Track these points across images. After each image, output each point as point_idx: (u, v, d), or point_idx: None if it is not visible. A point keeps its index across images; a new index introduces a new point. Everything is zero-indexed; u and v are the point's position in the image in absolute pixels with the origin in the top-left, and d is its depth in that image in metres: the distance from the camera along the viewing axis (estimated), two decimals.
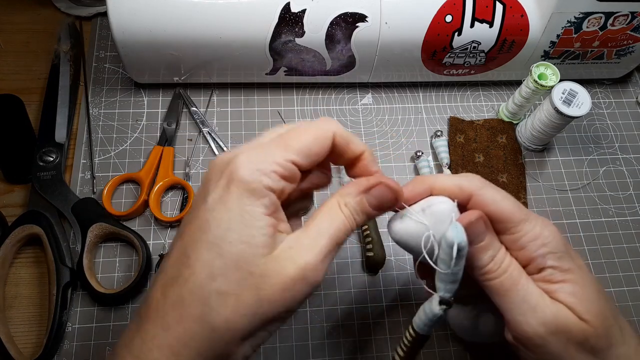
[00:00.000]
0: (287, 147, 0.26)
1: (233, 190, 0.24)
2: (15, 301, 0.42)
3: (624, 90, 0.59)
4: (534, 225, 0.29)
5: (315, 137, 0.26)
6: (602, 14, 0.48)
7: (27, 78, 0.53)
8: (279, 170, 0.25)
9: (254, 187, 0.24)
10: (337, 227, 0.26)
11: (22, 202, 0.46)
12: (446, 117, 0.55)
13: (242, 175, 0.24)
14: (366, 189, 0.28)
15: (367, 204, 0.28)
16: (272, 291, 0.24)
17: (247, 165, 0.24)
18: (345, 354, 0.43)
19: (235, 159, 0.25)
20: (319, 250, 0.25)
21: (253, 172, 0.24)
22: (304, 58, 0.49)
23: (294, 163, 0.26)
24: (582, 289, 0.29)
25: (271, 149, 0.26)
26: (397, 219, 0.31)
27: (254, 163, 0.25)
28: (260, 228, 0.24)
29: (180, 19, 0.45)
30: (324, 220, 0.27)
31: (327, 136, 0.27)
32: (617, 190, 0.53)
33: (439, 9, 0.47)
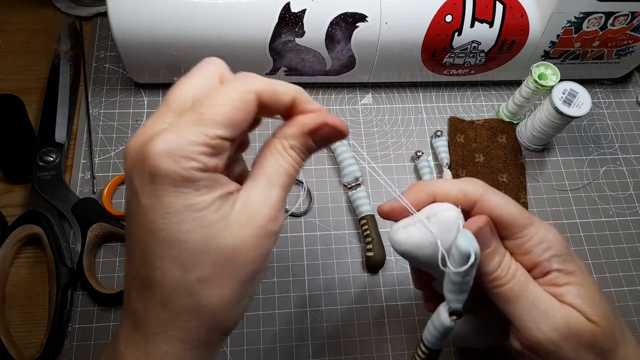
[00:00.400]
0: (207, 123, 0.23)
1: (165, 186, 0.22)
2: (15, 301, 0.42)
3: (624, 90, 0.59)
4: (537, 229, 0.29)
5: (237, 104, 0.24)
6: (602, 14, 0.48)
7: (27, 78, 0.53)
8: (205, 150, 0.23)
9: (186, 176, 0.22)
10: (287, 173, 0.26)
11: (22, 202, 0.46)
12: (446, 117, 0.55)
13: (166, 168, 0.22)
14: (311, 131, 0.26)
15: (313, 144, 0.26)
16: (246, 255, 0.24)
17: (169, 155, 0.22)
18: (345, 354, 0.43)
19: (151, 150, 0.22)
20: (273, 202, 0.25)
21: (178, 162, 0.22)
22: (304, 58, 0.49)
23: (221, 138, 0.23)
24: (586, 290, 0.29)
25: (189, 128, 0.23)
26: (400, 228, 0.29)
27: (175, 151, 0.22)
28: (208, 207, 0.23)
29: (180, 19, 0.45)
30: (272, 167, 0.26)
31: (250, 98, 0.24)
32: (617, 190, 0.53)
33: (439, 9, 0.47)
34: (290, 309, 0.44)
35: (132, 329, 0.25)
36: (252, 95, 0.24)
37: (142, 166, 0.23)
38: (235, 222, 0.24)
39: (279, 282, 0.45)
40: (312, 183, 0.50)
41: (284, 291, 0.45)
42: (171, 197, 0.23)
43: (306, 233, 0.47)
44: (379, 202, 0.49)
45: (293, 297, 0.45)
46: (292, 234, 0.47)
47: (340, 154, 0.49)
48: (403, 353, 0.43)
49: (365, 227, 0.47)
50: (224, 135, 0.23)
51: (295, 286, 0.45)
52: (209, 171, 0.23)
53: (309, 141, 0.26)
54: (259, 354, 0.42)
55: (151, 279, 0.24)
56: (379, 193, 0.50)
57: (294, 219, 0.48)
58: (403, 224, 0.29)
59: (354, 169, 0.48)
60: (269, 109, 0.25)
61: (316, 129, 0.26)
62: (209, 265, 0.24)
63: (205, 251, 0.23)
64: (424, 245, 0.28)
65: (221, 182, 0.24)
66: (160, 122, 0.24)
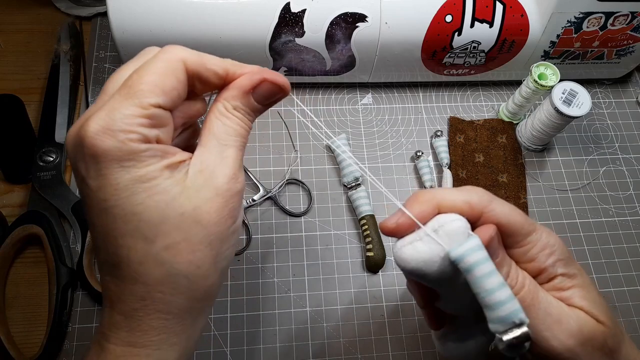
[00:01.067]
0: (138, 94, 0.23)
1: (107, 163, 0.22)
2: (15, 301, 0.42)
3: (624, 90, 0.59)
4: (540, 235, 0.29)
5: (164, 71, 0.24)
6: (602, 14, 0.48)
7: (27, 78, 0.53)
8: (142, 122, 0.23)
9: (127, 150, 0.22)
10: (236, 132, 0.26)
11: (22, 202, 0.46)
12: (446, 117, 0.55)
13: (104, 146, 0.22)
14: (251, 89, 0.26)
15: (257, 104, 0.27)
16: (210, 216, 0.24)
17: (105, 132, 0.22)
18: (345, 354, 0.43)
19: (85, 132, 0.22)
20: (230, 161, 0.25)
21: (116, 136, 0.22)
22: (304, 58, 0.49)
23: (155, 106, 0.23)
24: (589, 292, 0.29)
25: (121, 102, 0.23)
26: (406, 245, 0.27)
27: (111, 127, 0.22)
28: (158, 176, 0.23)
29: (180, 19, 0.45)
30: (220, 130, 0.25)
31: (177, 66, 0.24)
32: (617, 190, 0.53)
33: (439, 9, 0.47)
34: (290, 309, 0.44)
35: (112, 312, 0.25)
36: (179, 63, 0.24)
37: (81, 150, 0.23)
38: (191, 186, 0.24)
39: (279, 282, 0.45)
40: (312, 183, 0.50)
41: (284, 291, 0.45)
42: (116, 173, 0.23)
43: (306, 233, 0.47)
44: (379, 202, 0.49)
45: (293, 297, 0.45)
46: (292, 234, 0.47)
47: (341, 154, 0.49)
48: (403, 353, 0.43)
49: (365, 227, 0.47)
50: (157, 103, 0.23)
51: (295, 286, 0.45)
52: (151, 142, 0.23)
53: (251, 100, 0.26)
54: (259, 354, 0.42)
55: (119, 258, 0.24)
56: (379, 193, 0.50)
57: (294, 218, 0.48)
58: (409, 240, 0.27)
59: (354, 169, 0.48)
60: (202, 79, 0.25)
61: (255, 86, 0.26)
62: (172, 232, 0.23)
63: (164, 219, 0.23)
64: (434, 260, 0.26)
65: (170, 152, 0.24)
66: (95, 108, 0.24)
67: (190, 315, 0.25)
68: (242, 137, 0.26)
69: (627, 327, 0.46)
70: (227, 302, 0.44)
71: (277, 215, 0.48)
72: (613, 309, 0.47)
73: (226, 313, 0.43)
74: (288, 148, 0.51)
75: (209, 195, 0.24)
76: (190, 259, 0.24)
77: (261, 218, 0.48)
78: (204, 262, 0.24)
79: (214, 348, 0.42)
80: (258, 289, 0.45)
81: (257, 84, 0.26)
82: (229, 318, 0.43)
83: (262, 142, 0.51)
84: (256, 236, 0.47)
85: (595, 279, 0.48)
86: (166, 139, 0.24)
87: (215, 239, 0.25)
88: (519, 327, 0.23)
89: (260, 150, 0.51)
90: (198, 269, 0.24)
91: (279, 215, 0.48)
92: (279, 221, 0.48)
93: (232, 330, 0.43)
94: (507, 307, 0.23)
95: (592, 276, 0.48)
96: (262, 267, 0.46)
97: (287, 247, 0.47)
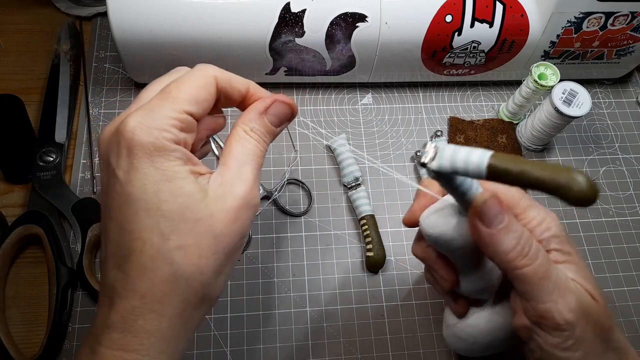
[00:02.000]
0: (175, 100, 0.26)
1: (140, 156, 0.24)
2: (15, 301, 0.42)
3: (624, 90, 0.59)
4: (538, 212, 0.31)
5: (199, 84, 0.27)
6: (602, 14, 0.48)
7: (27, 78, 0.53)
8: (175, 123, 0.25)
9: (159, 146, 0.24)
10: (253, 153, 0.28)
11: (22, 202, 0.46)
12: (446, 117, 0.55)
13: (140, 139, 0.24)
14: (264, 110, 0.29)
15: (270, 124, 0.29)
16: (223, 226, 0.26)
17: (142, 128, 0.24)
18: (345, 354, 0.43)
19: (124, 126, 0.24)
20: (247, 177, 0.27)
21: (151, 132, 0.24)
22: (304, 58, 0.49)
23: (187, 113, 0.26)
24: (582, 269, 0.30)
25: (159, 105, 0.25)
26: (432, 214, 0.30)
27: (148, 124, 0.25)
28: (184, 178, 0.25)
29: (181, 19, 0.45)
30: (239, 151, 0.28)
31: (210, 81, 0.27)
32: (617, 190, 0.53)
33: (439, 9, 0.47)
34: (290, 309, 0.44)
35: (109, 311, 0.25)
36: (212, 79, 0.28)
37: (117, 143, 0.25)
38: (212, 195, 0.26)
39: (279, 282, 0.45)
40: (312, 183, 0.50)
41: (284, 291, 0.45)
42: (147, 168, 0.24)
43: (306, 233, 0.47)
44: (379, 202, 0.49)
45: (293, 297, 0.45)
46: (292, 234, 0.47)
47: (341, 154, 0.49)
48: (403, 353, 0.43)
49: (365, 227, 0.47)
50: (191, 111, 0.26)
51: (295, 286, 0.45)
52: (179, 144, 0.25)
53: (265, 121, 0.29)
54: (259, 354, 0.42)
55: (131, 251, 0.25)
56: (379, 193, 0.50)
57: (294, 218, 0.48)
58: (433, 209, 0.30)
59: (354, 169, 0.48)
60: (227, 95, 0.29)
61: (268, 107, 0.29)
62: (187, 234, 0.25)
63: (183, 220, 0.25)
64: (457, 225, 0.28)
65: (194, 161, 0.26)
66: (130, 110, 0.26)
67: (181, 321, 0.26)
68: (258, 157, 0.28)
69: (627, 327, 0.46)
70: (227, 302, 0.44)
71: (277, 215, 0.48)
72: (613, 309, 0.47)
73: (226, 313, 0.43)
74: (288, 148, 0.51)
75: (226, 206, 0.26)
76: (197, 262, 0.25)
77: (261, 218, 0.48)
78: (207, 269, 0.25)
79: (214, 348, 0.42)
80: (258, 289, 0.45)
81: (270, 105, 0.29)
82: (229, 318, 0.43)
83: None
84: (256, 236, 0.47)
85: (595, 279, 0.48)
86: (190, 144, 0.27)
87: (223, 249, 0.26)
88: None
89: None
90: (201, 274, 0.25)
91: (279, 215, 0.48)
92: (279, 221, 0.48)
93: (232, 330, 0.43)
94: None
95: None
96: (262, 267, 0.46)
97: (287, 247, 0.47)
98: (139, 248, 0.24)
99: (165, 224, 0.24)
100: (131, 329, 0.24)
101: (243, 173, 0.27)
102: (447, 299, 0.36)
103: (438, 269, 0.33)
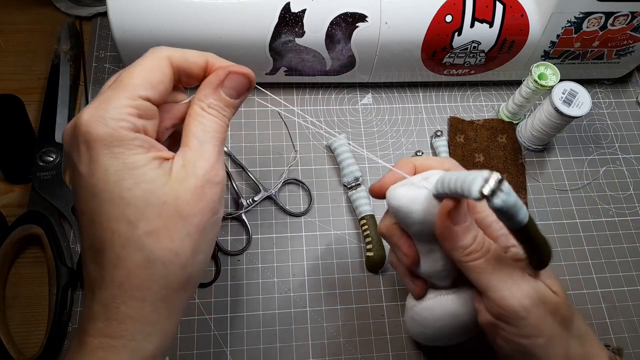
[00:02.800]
0: (128, 87, 0.25)
1: (98, 149, 0.24)
2: (15, 301, 0.42)
3: (624, 90, 0.59)
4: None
5: (151, 67, 0.26)
6: (602, 14, 0.48)
7: (27, 78, 0.53)
8: (131, 111, 0.25)
9: (117, 136, 0.24)
10: (213, 129, 0.27)
11: (22, 202, 0.46)
12: (446, 117, 0.55)
13: (96, 132, 0.24)
14: (220, 83, 0.28)
15: (227, 97, 0.28)
16: (189, 207, 0.25)
17: (97, 120, 0.24)
18: (345, 354, 0.43)
19: (79, 121, 0.24)
20: (209, 155, 0.27)
21: (107, 124, 0.24)
22: (304, 58, 0.49)
23: (143, 98, 0.25)
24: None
25: (113, 95, 0.25)
26: (398, 187, 0.32)
27: (102, 115, 0.24)
28: (146, 165, 0.25)
29: (180, 19, 0.44)
30: (198, 129, 0.27)
31: (163, 62, 0.27)
32: (617, 190, 0.53)
33: (439, 9, 0.47)
34: (290, 309, 0.44)
35: (92, 302, 0.25)
36: (164, 60, 0.27)
37: (76, 139, 0.25)
38: (175, 177, 0.26)
39: (279, 282, 0.45)
40: (312, 183, 0.50)
41: (284, 291, 0.45)
42: (107, 159, 0.24)
43: (306, 233, 0.47)
44: (379, 202, 0.49)
45: (293, 297, 0.45)
46: (292, 234, 0.47)
47: (341, 154, 0.49)
48: (403, 353, 0.43)
49: (365, 227, 0.47)
50: (146, 95, 0.26)
51: (295, 286, 0.45)
52: (139, 132, 0.25)
53: (222, 95, 0.28)
54: (259, 354, 0.42)
55: (103, 242, 0.25)
56: None
57: (294, 218, 0.48)
58: (400, 184, 0.32)
59: (354, 169, 0.48)
60: (186, 72, 0.28)
61: (223, 80, 0.28)
62: (154, 219, 0.25)
63: (148, 205, 0.25)
64: (419, 200, 0.30)
65: (156, 147, 0.26)
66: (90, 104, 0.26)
67: (165, 305, 0.26)
68: (218, 133, 0.28)
69: (627, 327, 0.46)
70: (227, 302, 0.44)
71: (277, 215, 0.48)
72: (613, 309, 0.47)
73: (226, 313, 0.43)
74: (288, 148, 0.51)
75: (190, 186, 0.26)
76: (169, 246, 0.25)
77: (261, 218, 0.48)
78: (182, 251, 0.25)
79: (214, 348, 0.42)
80: (258, 289, 0.45)
81: (225, 78, 0.28)
82: (229, 318, 0.43)
83: (262, 142, 0.51)
84: (256, 236, 0.47)
85: (595, 279, 0.48)
86: (152, 133, 0.26)
87: (194, 229, 0.26)
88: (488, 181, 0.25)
89: (260, 150, 0.51)
90: (176, 256, 0.25)
91: (279, 215, 0.48)
92: (279, 221, 0.48)
93: (232, 330, 0.43)
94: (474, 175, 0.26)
95: (592, 276, 0.48)
96: (262, 267, 0.46)
97: (287, 247, 0.47)
98: (109, 238, 0.25)
99: (131, 211, 0.24)
100: (115, 316, 0.25)
101: (204, 152, 0.27)
102: (406, 281, 0.37)
103: (401, 245, 0.34)
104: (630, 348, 0.45)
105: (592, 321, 0.46)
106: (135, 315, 0.25)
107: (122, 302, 0.25)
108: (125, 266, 0.25)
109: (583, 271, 0.48)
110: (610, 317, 0.46)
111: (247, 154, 0.50)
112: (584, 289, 0.47)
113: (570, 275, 0.48)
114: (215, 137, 0.27)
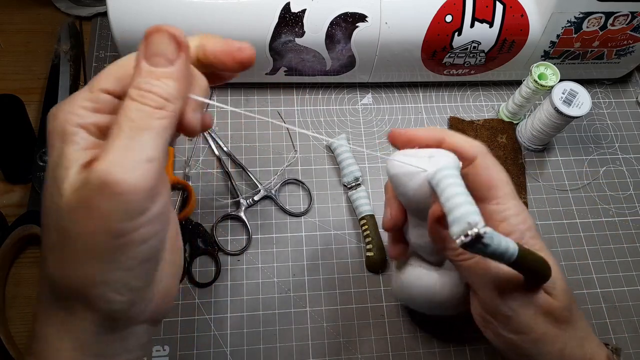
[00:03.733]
0: (94, 81, 0.24)
1: (51, 141, 0.24)
2: (15, 301, 0.42)
3: (624, 90, 0.59)
4: (516, 203, 0.32)
5: (121, 62, 0.25)
6: (602, 14, 0.48)
7: (27, 78, 0.53)
8: (86, 104, 0.23)
9: (63, 131, 0.23)
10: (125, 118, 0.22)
11: (22, 202, 0.46)
12: (446, 117, 0.55)
13: (54, 125, 0.24)
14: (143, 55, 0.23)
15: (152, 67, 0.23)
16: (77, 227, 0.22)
17: (56, 114, 0.24)
18: (345, 354, 0.43)
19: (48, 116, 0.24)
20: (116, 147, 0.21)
21: (63, 117, 0.23)
22: (304, 58, 0.49)
23: (104, 91, 0.24)
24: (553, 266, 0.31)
25: (79, 91, 0.24)
26: (400, 155, 0.31)
27: (62, 108, 0.24)
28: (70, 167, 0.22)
29: (180, 19, 0.44)
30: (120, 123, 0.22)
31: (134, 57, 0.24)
32: (617, 190, 0.53)
33: (439, 9, 0.47)
34: (290, 309, 0.44)
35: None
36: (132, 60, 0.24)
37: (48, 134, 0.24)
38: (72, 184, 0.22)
39: (279, 282, 0.45)
40: (312, 183, 0.50)
41: (284, 291, 0.45)
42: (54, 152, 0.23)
43: (306, 233, 0.47)
44: (379, 202, 0.49)
45: (293, 297, 0.45)
46: (292, 234, 0.47)
47: (341, 154, 0.49)
48: (403, 353, 0.43)
49: (365, 227, 0.47)
50: (105, 88, 0.24)
51: (295, 286, 0.45)
52: (86, 127, 0.23)
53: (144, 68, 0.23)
54: (259, 354, 0.42)
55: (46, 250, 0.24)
56: (379, 193, 0.50)
57: (294, 218, 0.48)
58: (404, 153, 0.31)
59: (354, 169, 0.48)
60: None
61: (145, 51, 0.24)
62: (53, 231, 0.23)
63: (47, 214, 0.23)
64: (414, 179, 0.30)
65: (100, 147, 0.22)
66: None
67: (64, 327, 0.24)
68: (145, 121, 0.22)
69: (627, 327, 0.46)
70: (227, 302, 0.44)
71: (277, 215, 0.48)
72: (613, 309, 0.47)
73: (226, 313, 0.43)
74: (288, 148, 0.51)
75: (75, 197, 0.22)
76: (59, 266, 0.23)
77: (261, 218, 0.48)
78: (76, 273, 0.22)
79: (214, 348, 0.42)
80: (258, 289, 0.45)
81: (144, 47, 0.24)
82: (229, 318, 0.43)
83: (262, 142, 0.51)
84: (256, 236, 0.47)
85: (595, 279, 0.48)
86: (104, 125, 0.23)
87: (91, 249, 0.22)
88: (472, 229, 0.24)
89: (260, 150, 0.51)
90: (67, 277, 0.22)
91: (279, 215, 0.48)
92: (279, 221, 0.48)
93: (232, 330, 0.43)
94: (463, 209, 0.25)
95: (592, 276, 0.48)
96: (262, 267, 0.46)
97: (287, 247, 0.47)
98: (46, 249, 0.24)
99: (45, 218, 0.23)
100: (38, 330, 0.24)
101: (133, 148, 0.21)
102: (388, 241, 0.37)
103: (389, 204, 0.34)
104: (630, 348, 0.45)
105: (592, 321, 0.46)
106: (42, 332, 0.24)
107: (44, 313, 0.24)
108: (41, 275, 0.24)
109: (583, 271, 0.48)
110: (610, 317, 0.46)
111: (247, 154, 0.50)
112: (584, 289, 0.47)
113: (570, 275, 0.48)
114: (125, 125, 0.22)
